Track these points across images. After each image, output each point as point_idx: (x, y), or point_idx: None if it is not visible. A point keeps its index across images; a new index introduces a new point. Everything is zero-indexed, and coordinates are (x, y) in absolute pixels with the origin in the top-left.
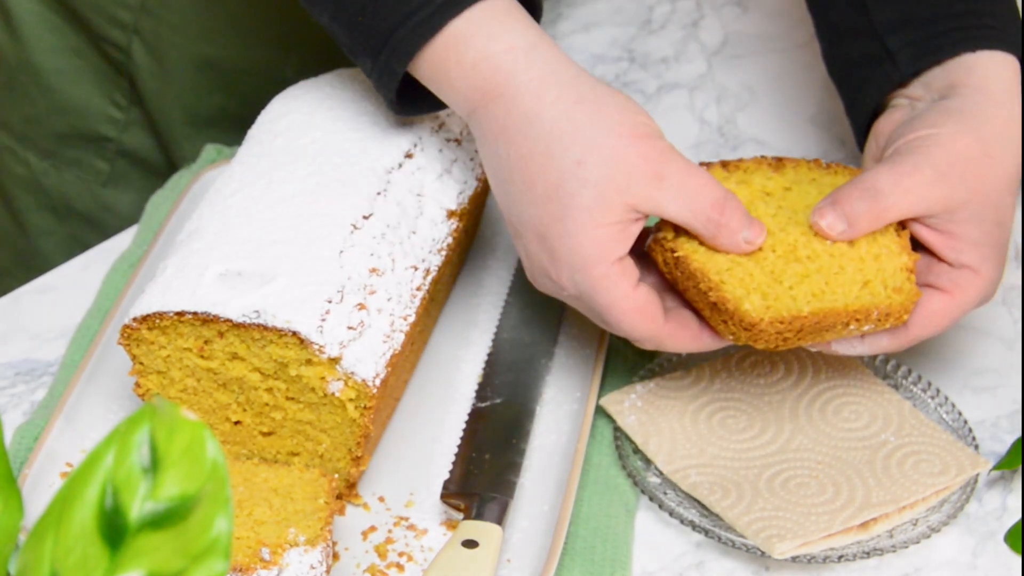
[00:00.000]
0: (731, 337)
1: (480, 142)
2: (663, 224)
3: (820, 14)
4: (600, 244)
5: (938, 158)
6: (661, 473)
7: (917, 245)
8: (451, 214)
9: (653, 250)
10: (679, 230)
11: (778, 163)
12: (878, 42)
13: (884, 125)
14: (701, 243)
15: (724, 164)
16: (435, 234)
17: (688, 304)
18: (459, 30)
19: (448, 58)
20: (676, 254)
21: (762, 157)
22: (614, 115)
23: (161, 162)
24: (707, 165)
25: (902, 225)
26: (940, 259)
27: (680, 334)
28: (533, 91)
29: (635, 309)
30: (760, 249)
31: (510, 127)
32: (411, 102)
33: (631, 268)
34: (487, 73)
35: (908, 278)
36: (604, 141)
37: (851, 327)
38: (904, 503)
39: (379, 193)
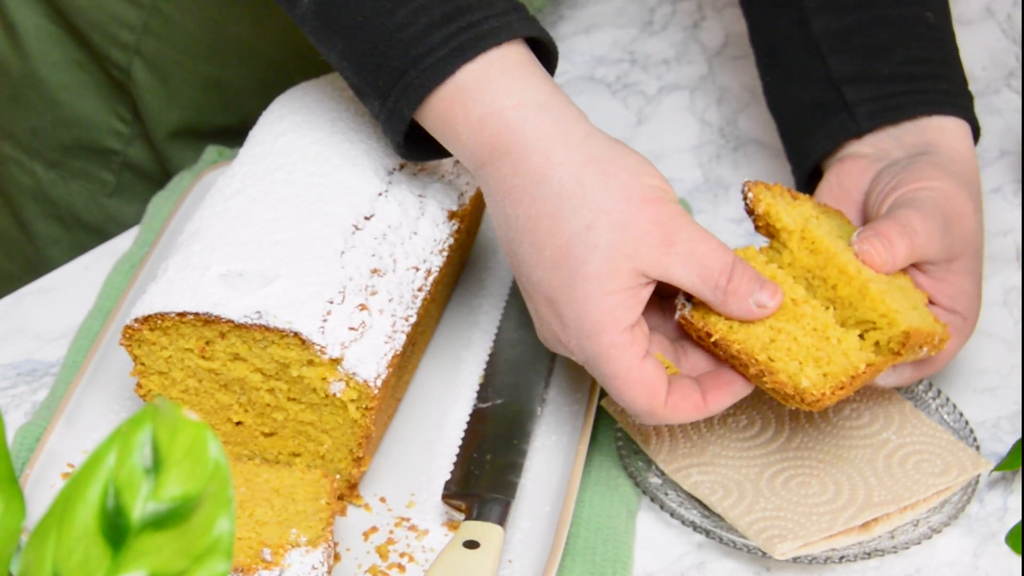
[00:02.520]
0: (792, 407)
1: (488, 199)
2: (688, 301)
3: (767, 52)
4: (609, 312)
5: (946, 211)
6: (662, 474)
7: None
8: (452, 215)
9: (683, 325)
10: (704, 306)
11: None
12: (835, 92)
13: (854, 171)
14: (729, 318)
15: (762, 250)
16: (436, 235)
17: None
18: (469, 80)
19: (455, 111)
20: (712, 338)
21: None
22: (624, 177)
23: (166, 175)
24: (742, 251)
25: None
26: (933, 304)
27: (682, 406)
28: (541, 151)
29: (638, 382)
30: (795, 304)
31: (517, 187)
32: (417, 149)
33: (640, 338)
34: (494, 129)
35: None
36: (614, 205)
37: (924, 349)
38: (905, 503)
39: (380, 194)
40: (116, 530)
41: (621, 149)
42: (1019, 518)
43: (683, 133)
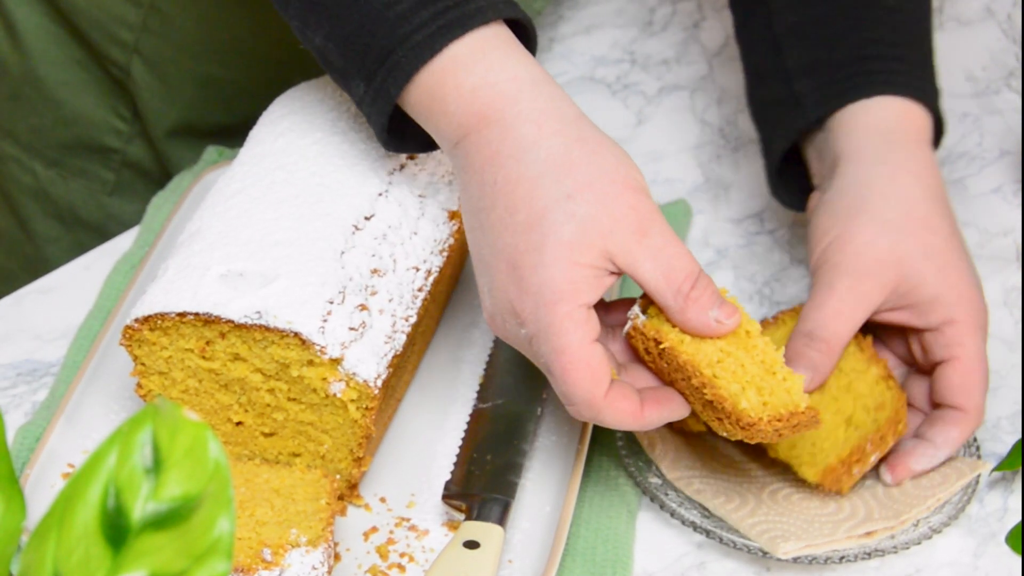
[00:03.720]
0: (724, 434)
1: (464, 172)
2: (644, 306)
3: (745, 56)
4: (572, 283)
5: (848, 263)
6: (662, 474)
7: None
8: (452, 215)
9: (633, 337)
10: (660, 316)
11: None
12: (787, 85)
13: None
14: (684, 331)
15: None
16: (436, 235)
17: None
18: (460, 54)
19: (446, 82)
20: (661, 345)
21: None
22: (612, 162)
23: (166, 174)
24: None
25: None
26: (919, 330)
27: (620, 405)
28: (535, 120)
29: (583, 362)
30: (748, 335)
31: (503, 152)
32: (397, 140)
33: (595, 322)
34: (487, 99)
35: (888, 386)
36: (598, 182)
37: (855, 470)
38: (905, 517)
39: (381, 194)
40: (116, 530)
41: (609, 138)
42: (1019, 518)
43: (683, 133)
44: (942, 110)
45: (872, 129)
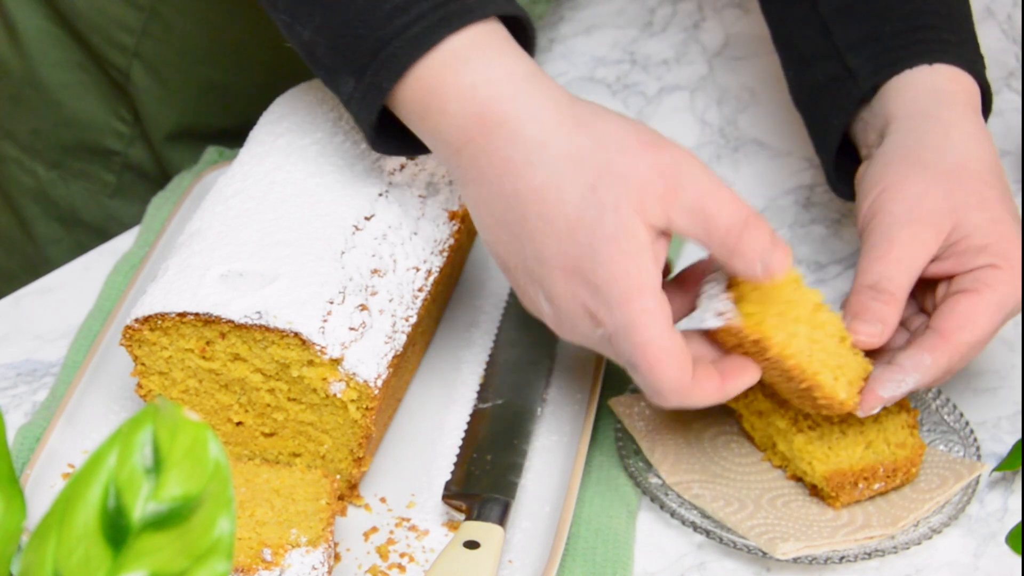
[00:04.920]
0: (807, 408)
1: (475, 181)
2: (733, 296)
3: (786, 45)
4: (634, 276)
5: (900, 212)
6: (662, 476)
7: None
8: (453, 215)
9: (723, 333)
10: (756, 315)
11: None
12: (840, 62)
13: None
14: (783, 341)
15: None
16: (437, 235)
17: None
18: (458, 48)
19: (445, 78)
20: (767, 354)
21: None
22: (617, 132)
23: (166, 176)
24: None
25: None
26: (954, 276)
27: (705, 385)
28: (536, 118)
29: (668, 353)
30: (818, 310)
31: (515, 159)
32: (384, 142)
33: (667, 307)
34: (486, 97)
35: (911, 433)
36: (612, 159)
37: (860, 486)
38: (904, 523)
39: (381, 194)
40: (117, 530)
41: (604, 108)
42: (1019, 518)
43: (683, 133)
44: (990, 84)
45: (924, 90)
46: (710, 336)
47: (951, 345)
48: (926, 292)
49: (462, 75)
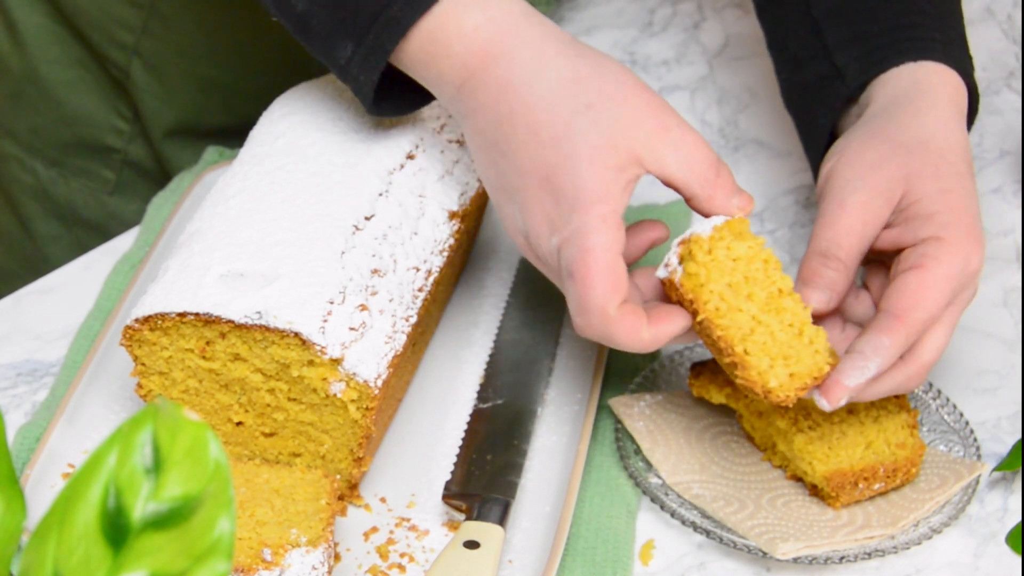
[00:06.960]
0: (747, 393)
1: (473, 112)
2: (681, 256)
3: (779, 48)
4: (606, 186)
5: (853, 179)
6: (662, 476)
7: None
8: (453, 215)
9: (667, 285)
10: (696, 276)
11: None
12: (828, 61)
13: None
14: (718, 308)
15: None
16: (437, 235)
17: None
18: (457, 1)
19: (448, 25)
20: (699, 317)
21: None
22: (615, 69)
23: (166, 174)
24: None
25: None
26: (903, 249)
27: (629, 321)
28: (536, 46)
29: (605, 264)
30: (781, 295)
31: (513, 82)
32: (382, 103)
33: (623, 234)
34: (489, 34)
35: (911, 433)
36: (612, 88)
37: (860, 486)
38: (904, 523)
39: (381, 194)
40: (117, 530)
41: (601, 51)
42: (1019, 518)
43: None
44: (977, 85)
45: (906, 82)
46: (662, 291)
47: (906, 324)
48: (873, 270)
49: (464, 21)
